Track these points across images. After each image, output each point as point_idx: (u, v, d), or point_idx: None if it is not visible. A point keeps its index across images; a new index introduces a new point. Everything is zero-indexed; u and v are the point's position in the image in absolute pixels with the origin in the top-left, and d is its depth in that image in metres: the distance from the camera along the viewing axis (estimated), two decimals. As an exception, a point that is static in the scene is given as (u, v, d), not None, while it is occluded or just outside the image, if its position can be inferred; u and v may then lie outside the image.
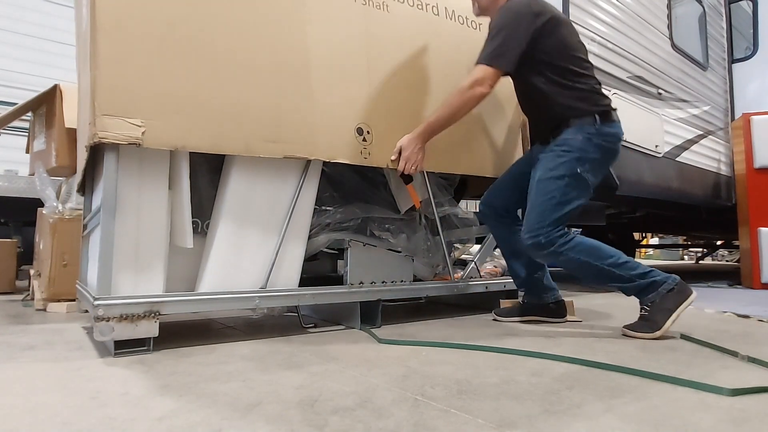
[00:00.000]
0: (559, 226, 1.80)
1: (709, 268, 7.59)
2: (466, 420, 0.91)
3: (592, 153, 1.83)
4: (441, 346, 1.55)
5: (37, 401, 1.00)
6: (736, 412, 0.96)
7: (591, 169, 1.84)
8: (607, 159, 1.90)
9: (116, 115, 1.36)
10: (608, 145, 1.87)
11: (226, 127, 1.54)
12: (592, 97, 1.87)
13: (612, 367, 1.28)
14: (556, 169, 1.83)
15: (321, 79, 1.75)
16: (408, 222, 2.22)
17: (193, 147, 1.49)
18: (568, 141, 1.84)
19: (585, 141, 1.83)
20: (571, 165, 1.82)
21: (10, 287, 2.90)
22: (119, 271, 1.45)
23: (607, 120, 1.86)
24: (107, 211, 1.42)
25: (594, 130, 1.84)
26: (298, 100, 1.69)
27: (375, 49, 1.91)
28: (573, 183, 1.82)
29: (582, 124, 1.84)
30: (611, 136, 1.88)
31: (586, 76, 1.89)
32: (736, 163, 3.99)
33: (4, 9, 4.09)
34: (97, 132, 1.34)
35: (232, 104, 1.55)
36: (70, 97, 2.37)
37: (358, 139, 1.82)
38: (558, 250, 1.78)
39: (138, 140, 1.38)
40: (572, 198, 1.82)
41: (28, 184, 3.20)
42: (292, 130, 1.66)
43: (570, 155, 1.83)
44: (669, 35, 3.52)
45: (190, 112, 1.47)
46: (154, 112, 1.42)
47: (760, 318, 2.20)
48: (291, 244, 1.76)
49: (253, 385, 1.11)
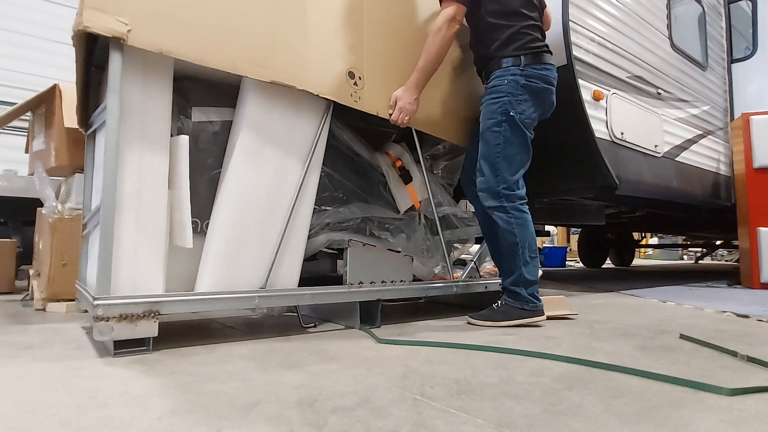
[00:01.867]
0: (516, 190, 1.94)
1: (709, 267, 7.60)
2: (465, 420, 0.91)
3: (521, 94, 1.91)
4: (440, 346, 1.55)
5: (36, 401, 1.00)
6: (736, 412, 0.97)
7: (525, 110, 1.92)
8: (538, 101, 1.97)
9: (104, 11, 1.37)
10: (535, 85, 1.94)
11: (215, 42, 1.54)
12: (517, 38, 1.94)
13: (611, 367, 1.29)
14: (491, 117, 1.95)
15: (317, 18, 1.77)
16: (407, 222, 2.23)
17: (179, 54, 1.48)
18: (496, 87, 1.95)
19: (512, 83, 1.92)
20: (503, 108, 1.92)
21: (10, 287, 2.90)
22: (118, 270, 1.45)
23: (534, 61, 1.94)
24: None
25: (519, 71, 1.92)
26: (292, 34, 1.71)
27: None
28: (509, 127, 1.92)
29: (507, 65, 1.94)
30: (538, 78, 1.95)
31: (514, 15, 1.95)
32: (736, 162, 3.98)
33: (4, 9, 4.09)
34: (82, 21, 1.34)
35: (224, 23, 1.56)
36: (69, 96, 2.37)
37: (350, 81, 1.83)
38: (510, 212, 1.93)
39: (122, 35, 1.38)
40: (514, 141, 1.92)
41: (27, 183, 3.20)
42: (282, 59, 1.67)
43: (501, 100, 1.93)
44: (668, 35, 3.51)
45: (180, 20, 1.48)
46: (143, 15, 1.42)
47: (759, 318, 2.20)
48: (292, 238, 1.76)
49: (253, 385, 1.11)
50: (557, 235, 11.24)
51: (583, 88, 2.67)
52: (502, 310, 1.95)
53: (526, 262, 1.94)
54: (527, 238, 1.94)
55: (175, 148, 1.57)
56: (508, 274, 1.99)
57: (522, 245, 1.94)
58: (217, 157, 1.73)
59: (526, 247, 1.94)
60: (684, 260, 11.11)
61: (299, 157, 1.79)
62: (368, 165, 2.15)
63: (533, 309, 1.94)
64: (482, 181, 1.97)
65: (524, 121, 1.92)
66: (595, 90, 2.76)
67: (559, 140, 2.73)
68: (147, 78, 1.51)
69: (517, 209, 1.94)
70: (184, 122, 1.68)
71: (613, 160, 2.75)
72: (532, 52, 1.94)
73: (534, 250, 1.97)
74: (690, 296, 3.17)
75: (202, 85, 1.75)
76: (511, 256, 1.97)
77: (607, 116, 2.81)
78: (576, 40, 2.68)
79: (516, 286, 1.95)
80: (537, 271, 1.98)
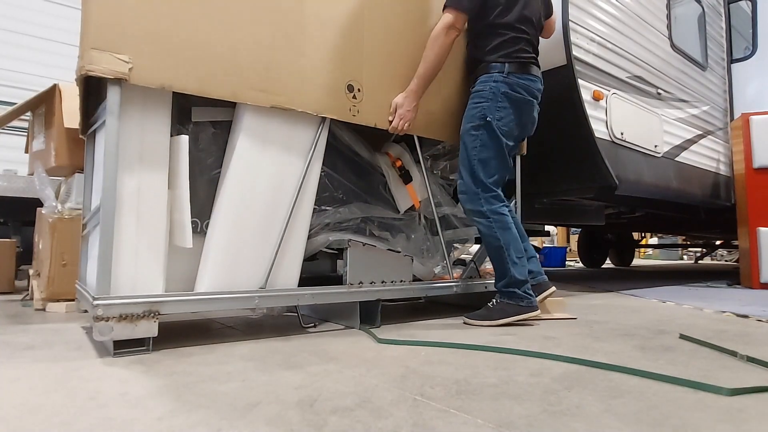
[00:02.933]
0: (494, 192, 1.96)
1: (708, 267, 7.60)
2: (465, 420, 0.91)
3: (500, 101, 1.95)
4: (440, 346, 1.55)
5: (36, 401, 1.00)
6: (735, 412, 0.97)
7: (502, 118, 1.96)
8: (517, 111, 2.00)
9: (104, 50, 1.37)
10: (516, 95, 1.98)
11: (214, 72, 1.55)
12: (506, 47, 1.99)
13: (611, 367, 1.29)
14: (471, 120, 1.99)
15: (315, 33, 1.77)
16: (407, 222, 2.23)
17: (179, 87, 1.49)
18: (479, 92, 1.99)
19: (493, 89, 1.96)
20: (482, 113, 1.96)
21: (10, 287, 2.90)
22: (118, 270, 1.45)
23: (518, 70, 1.98)
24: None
25: (501, 78, 1.96)
26: (290, 54, 1.71)
27: (372, 7, 1.93)
28: (486, 133, 1.95)
29: (491, 72, 1.98)
30: (520, 87, 1.98)
31: (509, 28, 1.99)
32: (735, 162, 3.99)
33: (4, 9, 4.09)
34: (84, 65, 1.34)
35: (222, 50, 1.56)
36: (69, 96, 2.37)
37: (348, 96, 1.84)
38: (489, 217, 1.96)
39: (124, 75, 1.39)
40: (490, 146, 1.95)
41: (27, 183, 3.20)
42: (281, 81, 1.68)
43: (481, 104, 1.97)
44: (668, 35, 3.52)
45: (179, 53, 1.48)
46: (143, 51, 1.42)
47: (759, 318, 2.21)
48: (292, 238, 1.76)
49: (253, 385, 1.11)
50: (557, 235, 11.25)
51: (583, 88, 2.67)
52: (498, 308, 1.96)
53: (514, 262, 1.96)
54: (510, 239, 1.97)
55: (175, 148, 1.57)
56: (499, 277, 2.01)
57: (506, 247, 1.96)
58: (217, 157, 1.73)
59: (512, 249, 1.96)
60: (684, 260, 11.12)
61: (299, 156, 1.79)
62: (368, 165, 2.15)
63: (529, 305, 1.96)
64: (461, 184, 2.02)
65: (501, 128, 1.95)
66: (594, 90, 2.76)
67: (558, 140, 2.74)
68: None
69: (496, 213, 1.96)
70: (182, 121, 1.68)
71: (613, 160, 2.75)
72: (518, 62, 1.99)
73: (519, 249, 1.99)
74: (689, 296, 3.18)
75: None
76: (498, 260, 1.99)
77: (606, 116, 2.81)
78: (576, 40, 2.68)
79: (509, 287, 1.96)
80: (526, 269, 2.00)
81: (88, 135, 1.93)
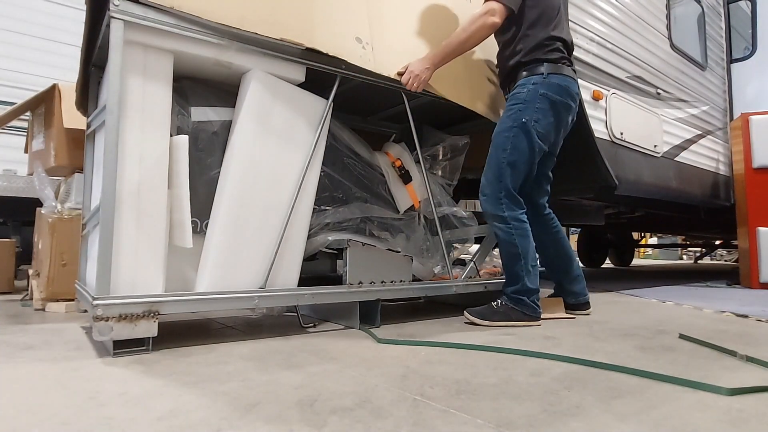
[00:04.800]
0: (517, 199, 1.95)
1: (708, 267, 7.60)
2: (465, 420, 0.91)
3: (538, 103, 1.91)
4: (440, 346, 1.55)
5: (36, 401, 1.00)
6: (735, 412, 0.97)
7: (539, 119, 1.91)
8: (557, 113, 1.96)
9: None
10: (555, 97, 1.94)
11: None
12: (543, 48, 1.96)
13: (611, 367, 1.29)
14: (505, 122, 1.96)
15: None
16: (407, 222, 2.23)
17: (188, 8, 1.49)
18: (517, 94, 1.96)
19: (531, 91, 1.92)
20: (517, 115, 1.92)
21: (9, 287, 2.89)
22: (118, 270, 1.45)
23: (557, 72, 1.95)
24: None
25: (540, 80, 1.93)
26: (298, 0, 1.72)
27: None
28: (520, 134, 1.91)
29: (530, 74, 1.95)
30: (558, 88, 1.94)
31: (543, 26, 1.97)
32: (735, 162, 3.99)
33: (4, 9, 4.08)
34: None
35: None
36: (68, 96, 2.37)
37: (358, 46, 1.83)
38: (510, 223, 1.94)
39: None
40: (523, 149, 1.91)
41: (26, 183, 3.20)
42: (291, 18, 1.68)
43: (517, 106, 1.93)
44: (668, 35, 3.52)
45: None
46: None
47: (758, 318, 2.21)
48: (292, 238, 1.76)
49: (252, 385, 1.11)
50: (557, 235, 11.22)
51: (583, 88, 2.67)
52: (501, 311, 1.95)
53: (528, 272, 1.95)
54: (528, 247, 1.95)
55: (175, 148, 1.57)
56: (510, 282, 2.00)
57: (524, 255, 1.94)
58: (217, 157, 1.73)
59: (528, 257, 1.95)
60: (683, 260, 11.12)
61: (299, 156, 1.79)
62: (368, 165, 2.15)
63: (533, 314, 1.96)
64: (484, 185, 1.99)
65: (537, 129, 1.92)
66: (594, 90, 2.76)
67: (558, 140, 2.73)
68: (147, 77, 1.51)
69: (517, 219, 1.94)
70: (182, 121, 1.68)
71: (613, 160, 2.75)
72: (555, 63, 1.96)
73: (534, 257, 1.98)
74: (689, 296, 3.18)
75: (200, 84, 1.74)
76: (512, 266, 1.98)
77: (606, 116, 2.81)
78: (575, 40, 2.68)
79: (519, 294, 1.96)
80: (537, 278, 2.00)
81: (87, 135, 1.93)
